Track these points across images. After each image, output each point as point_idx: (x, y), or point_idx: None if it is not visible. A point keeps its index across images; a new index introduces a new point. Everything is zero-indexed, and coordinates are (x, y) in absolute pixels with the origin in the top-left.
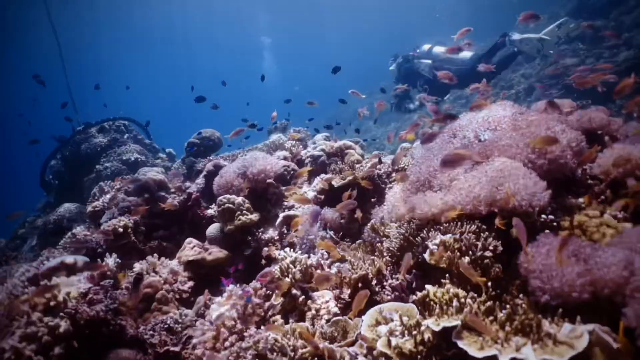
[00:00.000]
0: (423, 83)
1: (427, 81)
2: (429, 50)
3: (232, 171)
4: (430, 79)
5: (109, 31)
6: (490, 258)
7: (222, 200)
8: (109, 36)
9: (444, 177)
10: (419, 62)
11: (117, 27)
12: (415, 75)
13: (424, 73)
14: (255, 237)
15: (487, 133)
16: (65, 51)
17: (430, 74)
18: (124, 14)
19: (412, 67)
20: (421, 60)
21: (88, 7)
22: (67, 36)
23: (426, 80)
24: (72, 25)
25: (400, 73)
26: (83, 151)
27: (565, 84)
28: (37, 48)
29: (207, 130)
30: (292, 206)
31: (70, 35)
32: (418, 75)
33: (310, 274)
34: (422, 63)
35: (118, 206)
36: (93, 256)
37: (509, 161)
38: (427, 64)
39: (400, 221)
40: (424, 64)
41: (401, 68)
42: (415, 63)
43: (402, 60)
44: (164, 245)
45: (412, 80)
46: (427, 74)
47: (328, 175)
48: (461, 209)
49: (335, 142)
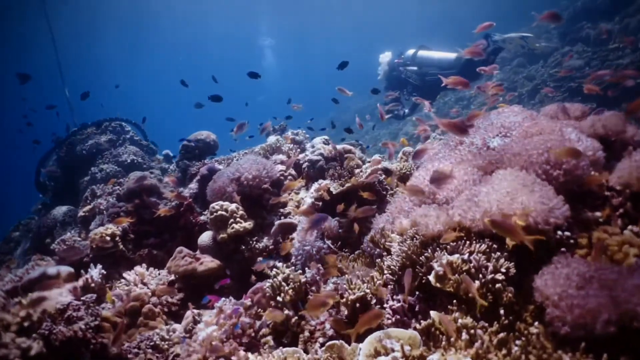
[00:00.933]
0: (411, 90)
1: (414, 87)
2: (413, 55)
3: (225, 176)
4: (417, 85)
5: (108, 31)
6: (503, 282)
7: (214, 208)
8: (107, 36)
9: (450, 189)
10: (405, 69)
11: (116, 27)
12: (404, 83)
13: (411, 80)
14: (249, 247)
15: (497, 140)
16: (61, 50)
17: (417, 81)
18: (122, 13)
19: (399, 75)
20: (407, 68)
21: (86, 7)
22: (64, 35)
23: (414, 86)
24: (69, 23)
25: (388, 81)
26: (78, 152)
27: (570, 86)
28: (32, 47)
29: (202, 132)
30: (288, 213)
31: (67, 33)
32: (406, 82)
33: (304, 291)
34: (409, 70)
35: (107, 212)
36: (79, 265)
37: (522, 173)
38: (414, 70)
39: (402, 235)
40: (410, 71)
41: (389, 76)
42: (401, 71)
43: (388, 68)
44: (155, 254)
45: (400, 87)
46: (414, 81)
47: (326, 181)
48: (469, 225)
49: (333, 145)
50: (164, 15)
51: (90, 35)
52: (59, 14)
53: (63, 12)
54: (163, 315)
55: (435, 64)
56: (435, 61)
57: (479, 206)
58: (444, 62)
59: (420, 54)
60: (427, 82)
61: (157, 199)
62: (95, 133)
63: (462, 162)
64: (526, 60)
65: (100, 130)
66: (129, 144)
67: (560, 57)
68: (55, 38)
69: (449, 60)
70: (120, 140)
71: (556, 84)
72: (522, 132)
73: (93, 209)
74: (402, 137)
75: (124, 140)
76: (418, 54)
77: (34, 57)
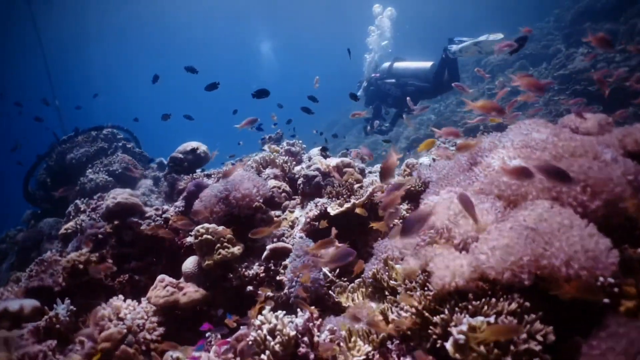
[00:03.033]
0: (392, 102)
1: (395, 99)
2: (389, 67)
3: (212, 195)
4: (398, 96)
5: (98, 35)
6: (540, 354)
7: (199, 231)
8: (97, 40)
9: (468, 227)
10: (383, 82)
11: (106, 31)
12: (383, 95)
13: (390, 92)
14: (237, 274)
15: (518, 162)
16: (50, 56)
17: (397, 92)
18: (114, 18)
19: (378, 89)
20: (385, 81)
21: (73, 12)
22: (52, 39)
23: (394, 98)
24: (57, 27)
25: (368, 97)
26: (68, 162)
27: (576, 89)
28: (20, 54)
29: (192, 143)
30: (281, 235)
31: (55, 38)
32: (386, 95)
33: (295, 344)
34: (387, 83)
35: (85, 233)
36: (50, 297)
37: (556, 206)
38: (392, 82)
39: (409, 278)
40: (389, 84)
41: (368, 92)
42: (380, 84)
43: (366, 84)
44: (137, 279)
45: (380, 101)
46: (394, 93)
47: (323, 200)
48: (495, 277)
49: (331, 166)
50: (159, 17)
51: (80, 41)
52: (47, 21)
53: (51, 18)
54: (140, 356)
55: (412, 74)
56: (412, 71)
57: (507, 252)
58: (420, 71)
59: (396, 66)
60: (407, 92)
61: (139, 218)
62: (86, 141)
63: (480, 190)
64: (528, 62)
65: (92, 138)
66: (121, 152)
67: (565, 60)
68: (43, 45)
69: (425, 70)
70: (112, 148)
71: (561, 86)
72: (548, 152)
73: (75, 226)
74: (404, 141)
75: (115, 148)
76: (394, 66)
77: (22, 63)
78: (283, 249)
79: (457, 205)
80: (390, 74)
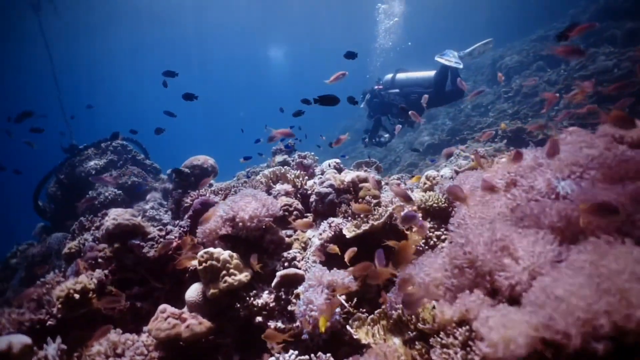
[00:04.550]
0: (396, 112)
1: (400, 109)
2: (392, 79)
3: (218, 215)
4: (403, 106)
5: (108, 52)
6: None
7: (202, 256)
8: (109, 56)
9: (517, 270)
10: (387, 93)
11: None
12: (388, 106)
13: (395, 102)
14: (245, 303)
15: (568, 184)
16: (59, 67)
17: (401, 101)
18: (121, 28)
19: (382, 100)
20: (389, 91)
21: (84, 23)
22: (61, 50)
23: (399, 107)
24: (65, 38)
25: (371, 109)
26: (77, 175)
27: (599, 91)
28: (30, 65)
29: (199, 157)
30: (293, 258)
31: (62, 48)
32: (390, 105)
33: None
34: (391, 93)
35: (84, 256)
36: (42, 333)
37: (635, 249)
38: (396, 92)
39: (444, 329)
40: (393, 94)
41: (371, 103)
42: (384, 95)
43: (370, 96)
44: (139, 307)
45: (385, 112)
46: (399, 103)
47: (337, 219)
48: (560, 341)
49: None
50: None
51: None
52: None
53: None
54: None
55: (416, 83)
56: (416, 80)
57: (576, 306)
58: (425, 80)
59: (399, 77)
60: (412, 101)
61: (141, 240)
62: (96, 153)
63: (524, 218)
64: (545, 64)
65: (101, 150)
66: (131, 164)
67: (585, 60)
68: (50, 52)
69: (429, 78)
70: (122, 160)
71: None
72: (606, 172)
73: (78, 246)
74: (418, 146)
75: (125, 160)
76: (397, 77)
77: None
78: (295, 275)
79: (498, 235)
80: (393, 84)
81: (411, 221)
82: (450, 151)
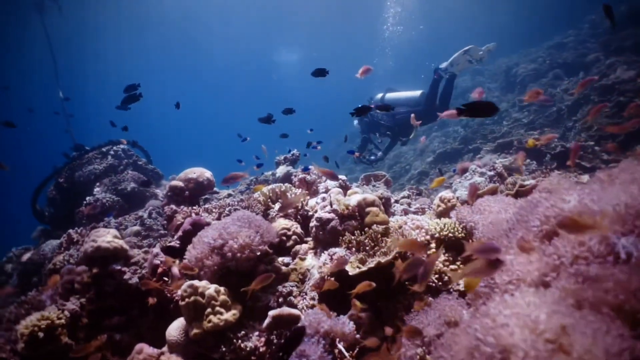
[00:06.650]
0: (384, 132)
1: (388, 128)
2: (382, 98)
3: (205, 242)
4: (390, 126)
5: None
6: None
7: (186, 291)
8: (117, 63)
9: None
10: (376, 113)
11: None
12: (377, 126)
13: (382, 122)
14: (232, 346)
15: (632, 242)
16: (62, 68)
17: (389, 122)
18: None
19: (372, 120)
20: (377, 111)
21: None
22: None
23: (387, 127)
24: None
25: (362, 127)
26: (77, 179)
27: (620, 100)
28: (32, 63)
29: (194, 169)
30: (289, 293)
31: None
32: (378, 125)
33: None
34: (380, 113)
35: (61, 280)
36: None
37: None
38: (384, 112)
39: None
40: (381, 113)
41: (362, 122)
42: (374, 115)
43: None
44: (118, 339)
45: (374, 131)
46: (385, 122)
47: (340, 250)
48: None
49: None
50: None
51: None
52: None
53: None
54: None
55: (403, 103)
56: (403, 100)
57: None
58: (411, 100)
59: (388, 96)
60: (398, 120)
61: (123, 264)
62: (96, 157)
63: (582, 302)
64: (563, 72)
65: (101, 154)
66: (132, 169)
67: (605, 69)
68: (53, 51)
69: (415, 98)
70: (122, 165)
71: (602, 97)
72: None
73: (63, 262)
74: (430, 154)
75: (126, 165)
76: (386, 96)
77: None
78: (289, 316)
79: (542, 321)
80: (383, 104)
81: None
82: (466, 166)
